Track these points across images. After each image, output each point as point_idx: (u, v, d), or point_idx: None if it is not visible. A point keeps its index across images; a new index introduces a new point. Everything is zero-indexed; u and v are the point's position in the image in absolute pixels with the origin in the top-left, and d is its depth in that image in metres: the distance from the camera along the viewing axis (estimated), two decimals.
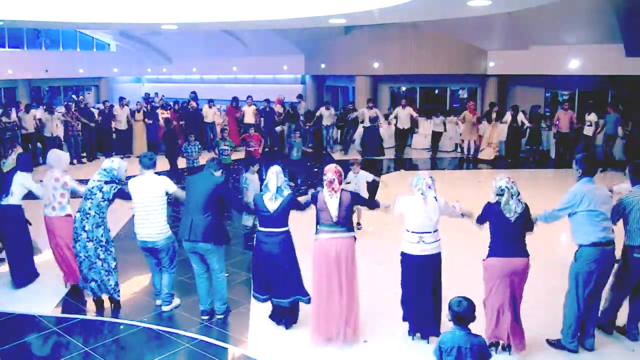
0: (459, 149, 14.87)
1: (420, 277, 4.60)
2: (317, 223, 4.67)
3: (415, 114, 14.42)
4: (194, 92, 17.88)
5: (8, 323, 5.21)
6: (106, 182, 5.31)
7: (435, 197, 4.59)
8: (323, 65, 18.46)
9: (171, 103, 16.18)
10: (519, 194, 4.38)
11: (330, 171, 4.66)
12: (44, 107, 14.66)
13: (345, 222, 4.62)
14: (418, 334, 4.75)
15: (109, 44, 26.36)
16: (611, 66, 13.43)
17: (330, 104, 16.14)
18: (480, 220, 4.59)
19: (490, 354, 3.38)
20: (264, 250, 4.81)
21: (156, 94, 19.17)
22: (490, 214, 4.43)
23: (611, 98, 14.84)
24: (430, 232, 4.54)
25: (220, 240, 5.08)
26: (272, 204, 4.74)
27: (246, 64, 21.41)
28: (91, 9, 10.98)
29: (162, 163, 11.00)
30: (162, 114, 14.55)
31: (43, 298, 5.73)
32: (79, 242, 5.33)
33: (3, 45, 23.26)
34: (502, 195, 4.35)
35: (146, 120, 14.62)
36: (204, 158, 8.48)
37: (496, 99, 15.53)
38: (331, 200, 4.59)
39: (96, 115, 14.68)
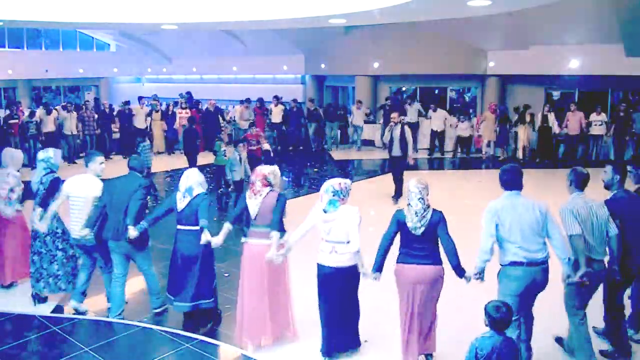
0: (458, 149, 14.88)
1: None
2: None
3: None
4: (188, 93, 17.87)
5: (8, 323, 5.22)
6: (45, 174, 5.44)
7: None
8: (323, 65, 18.44)
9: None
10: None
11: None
12: (43, 106, 14.67)
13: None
14: None
15: (109, 44, 26.36)
16: (611, 66, 13.43)
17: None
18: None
19: None
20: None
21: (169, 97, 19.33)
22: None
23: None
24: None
25: (141, 245, 5.18)
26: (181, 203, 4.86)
27: (246, 64, 21.38)
28: (91, 9, 10.99)
29: (183, 160, 11.43)
30: (180, 114, 14.71)
31: None
32: (37, 238, 5.43)
33: (3, 45, 23.28)
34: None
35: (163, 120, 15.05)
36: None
37: (496, 99, 15.53)
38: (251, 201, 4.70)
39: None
